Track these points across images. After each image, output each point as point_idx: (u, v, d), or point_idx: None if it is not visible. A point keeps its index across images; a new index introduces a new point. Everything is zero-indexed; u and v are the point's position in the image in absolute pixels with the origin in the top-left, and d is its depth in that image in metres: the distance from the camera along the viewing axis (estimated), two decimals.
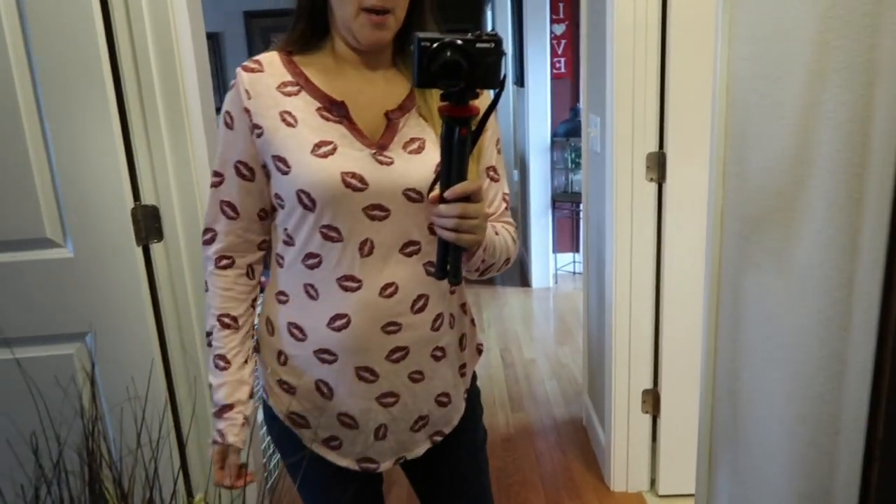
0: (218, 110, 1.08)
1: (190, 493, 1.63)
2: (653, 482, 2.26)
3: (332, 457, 1.13)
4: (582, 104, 2.45)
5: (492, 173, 1.12)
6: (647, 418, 2.20)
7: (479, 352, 1.26)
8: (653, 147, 1.96)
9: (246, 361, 1.10)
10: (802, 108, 0.89)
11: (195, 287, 1.53)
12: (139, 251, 1.47)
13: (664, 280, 2.04)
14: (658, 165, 1.96)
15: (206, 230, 1.09)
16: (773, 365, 1.03)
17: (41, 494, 0.78)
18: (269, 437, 2.40)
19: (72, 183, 1.40)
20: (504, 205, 1.14)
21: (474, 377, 1.25)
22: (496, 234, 1.07)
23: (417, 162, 1.02)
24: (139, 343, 1.49)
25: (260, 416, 1.29)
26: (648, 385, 2.17)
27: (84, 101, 1.37)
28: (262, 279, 1.15)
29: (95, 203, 1.42)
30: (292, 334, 1.08)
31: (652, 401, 2.17)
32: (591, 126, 2.29)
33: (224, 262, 1.09)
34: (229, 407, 1.07)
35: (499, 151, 1.13)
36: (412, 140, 1.03)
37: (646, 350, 2.14)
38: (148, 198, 1.47)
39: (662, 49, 1.89)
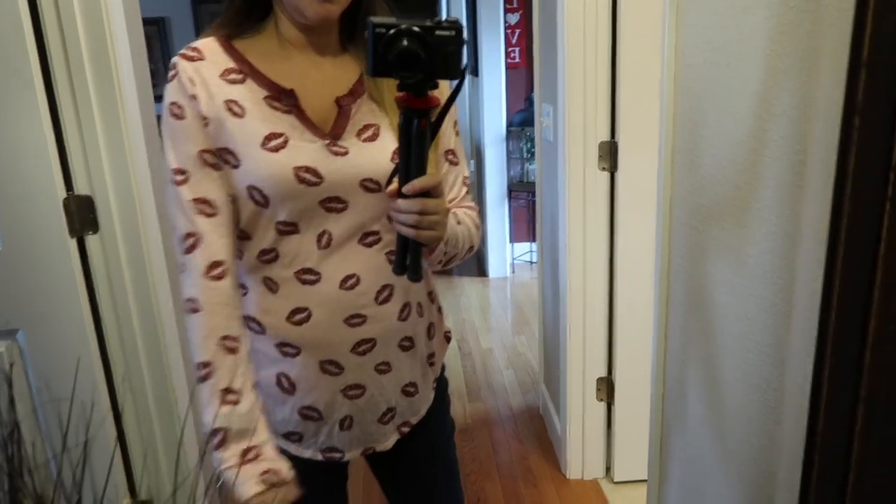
0: (158, 98, 1.00)
1: (133, 493, 1.58)
2: (608, 469, 2.28)
3: (292, 449, 1.10)
4: (535, 93, 2.44)
5: (451, 157, 1.08)
6: (602, 406, 2.21)
7: (448, 339, 1.23)
8: (605, 136, 1.96)
9: (252, 388, 0.96)
10: (751, 96, 0.88)
11: (134, 280, 1.47)
12: (73, 243, 1.40)
13: (617, 269, 2.05)
14: (610, 154, 1.96)
15: (187, 236, 0.94)
16: (721, 353, 1.03)
17: None
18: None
19: None
20: (465, 188, 1.11)
21: (443, 367, 1.22)
22: (458, 223, 1.03)
23: (373, 150, 0.97)
24: (74, 339, 1.42)
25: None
26: (603, 373, 2.18)
27: (9, 89, 1.29)
28: None
29: (24, 193, 1.34)
30: (251, 328, 1.03)
31: (606, 388, 2.19)
32: (544, 115, 2.28)
33: (217, 270, 0.94)
34: (254, 450, 0.93)
35: (457, 133, 1.10)
36: (366, 127, 0.98)
37: (600, 338, 2.15)
38: (81, 187, 1.40)
39: (613, 38, 1.88)
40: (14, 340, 1.41)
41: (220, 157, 0.95)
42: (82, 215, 1.41)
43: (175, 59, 0.96)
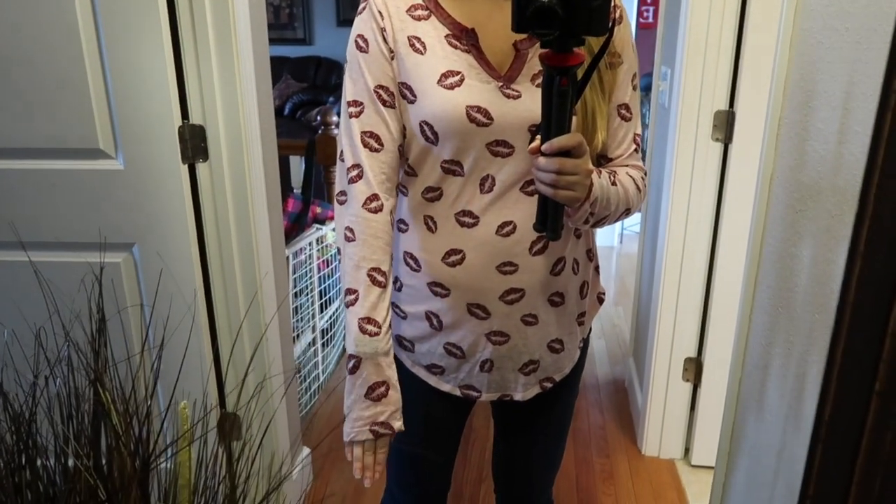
0: (273, 41, 1.04)
1: (223, 405, 1.71)
2: (686, 451, 2.21)
3: (433, 381, 1.14)
4: (656, 54, 2.32)
5: (623, 111, 1.04)
6: (688, 387, 2.14)
7: (601, 300, 1.22)
8: (722, 105, 1.83)
9: (389, 325, 1.00)
10: (864, 65, 0.80)
11: (236, 208, 1.56)
12: (185, 169, 1.51)
13: (720, 247, 1.94)
14: (726, 124, 1.84)
15: (353, 166, 0.98)
16: (806, 342, 0.96)
17: (49, 383, 0.83)
18: (311, 362, 2.49)
19: (124, 98, 1.45)
20: (634, 146, 1.07)
21: (590, 329, 1.22)
22: (613, 183, 1.00)
23: None
24: (181, 258, 1.55)
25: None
26: (692, 353, 2.10)
27: (138, 19, 1.39)
28: None
29: (146, 119, 1.46)
30: (408, 264, 1.07)
31: (694, 369, 2.10)
32: (662, 78, 2.17)
33: (374, 203, 0.98)
34: (383, 386, 0.99)
35: (634, 88, 1.04)
36: (541, 72, 0.95)
37: (692, 318, 2.06)
38: (196, 117, 1.50)
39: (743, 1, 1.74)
40: (130, 253, 1.56)
41: (399, 92, 0.98)
42: (194, 143, 1.51)
43: None
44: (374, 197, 0.98)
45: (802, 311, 0.94)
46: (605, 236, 4.39)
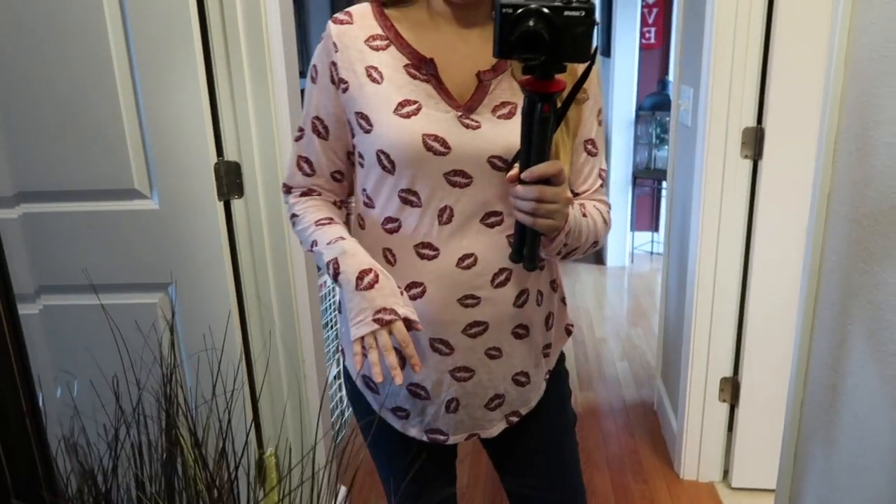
0: (302, 73, 1.06)
1: (260, 445, 1.68)
2: (725, 473, 2.17)
3: (398, 425, 1.12)
4: (673, 75, 2.32)
5: (590, 147, 1.04)
6: (725, 407, 2.10)
7: (569, 333, 1.20)
8: (750, 122, 1.83)
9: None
10: None
11: (272, 244, 1.55)
12: (220, 206, 1.49)
13: (753, 264, 1.92)
14: (755, 142, 1.83)
15: (284, 185, 1.09)
16: (880, 361, 0.94)
17: (121, 435, 0.80)
18: (337, 396, 2.46)
19: (159, 137, 1.43)
20: (599, 181, 1.07)
21: (561, 358, 1.19)
22: (584, 215, 1.00)
23: (506, 127, 0.95)
24: (218, 296, 1.52)
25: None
26: (728, 373, 2.07)
27: (173, 58, 1.39)
28: None
29: (181, 157, 1.44)
30: None
31: (731, 389, 2.07)
32: (683, 98, 2.17)
33: (307, 193, 1.08)
34: (370, 273, 0.94)
35: (599, 123, 1.05)
36: (503, 104, 0.96)
37: (727, 337, 2.03)
38: (231, 154, 1.49)
39: (769, 14, 1.75)
40: (166, 293, 1.54)
41: (356, 122, 0.98)
42: (230, 180, 1.50)
43: (328, 23, 1.00)
44: (308, 192, 1.07)
45: (877, 327, 0.92)
46: (615, 256, 4.38)
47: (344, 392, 2.55)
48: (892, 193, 0.91)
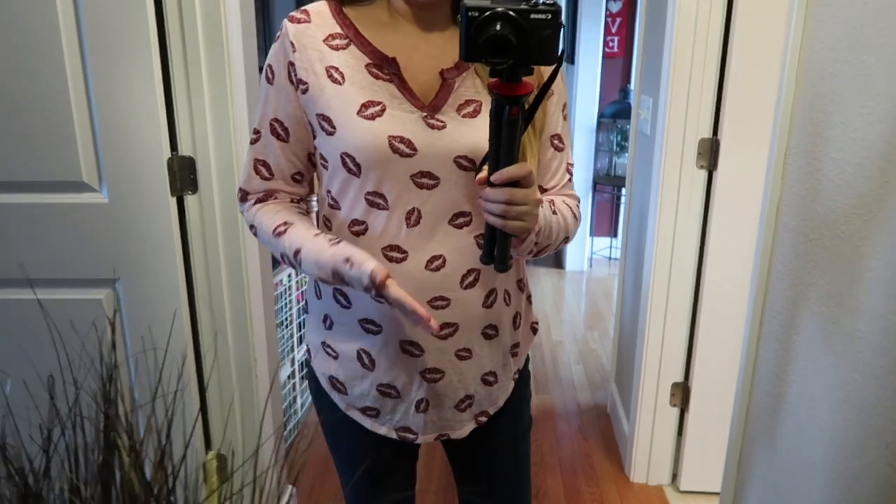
0: (261, 68, 1.03)
1: (209, 446, 1.64)
2: (674, 476, 2.21)
3: (367, 424, 1.10)
4: (634, 84, 2.36)
5: (556, 142, 1.04)
6: (675, 411, 2.14)
7: (534, 331, 1.20)
8: (706, 133, 1.87)
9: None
10: (888, 98, 0.81)
11: (226, 241, 1.51)
12: (173, 201, 1.45)
13: (706, 272, 1.96)
14: (710, 152, 1.87)
15: (240, 189, 1.05)
16: (823, 370, 0.97)
17: (54, 437, 0.77)
18: (290, 397, 2.42)
19: (110, 129, 1.39)
20: (567, 176, 1.07)
21: (527, 359, 1.20)
22: (554, 212, 0.99)
23: (471, 126, 0.94)
24: (167, 293, 1.49)
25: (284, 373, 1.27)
26: (679, 378, 2.11)
27: (127, 49, 1.35)
28: None
29: (132, 151, 1.40)
30: (338, 301, 1.04)
31: (682, 394, 2.11)
32: (643, 107, 2.20)
33: (263, 198, 1.04)
34: (350, 260, 0.91)
35: (565, 118, 1.05)
36: (467, 102, 0.95)
37: (679, 343, 2.07)
38: (185, 149, 1.46)
39: (726, 30, 1.79)
40: (113, 289, 1.49)
41: (318, 124, 0.96)
42: (183, 175, 1.46)
43: (284, 21, 0.97)
44: (265, 197, 1.04)
45: (820, 337, 0.95)
46: (574, 261, 4.43)
47: (297, 392, 2.53)
48: (837, 207, 0.94)
